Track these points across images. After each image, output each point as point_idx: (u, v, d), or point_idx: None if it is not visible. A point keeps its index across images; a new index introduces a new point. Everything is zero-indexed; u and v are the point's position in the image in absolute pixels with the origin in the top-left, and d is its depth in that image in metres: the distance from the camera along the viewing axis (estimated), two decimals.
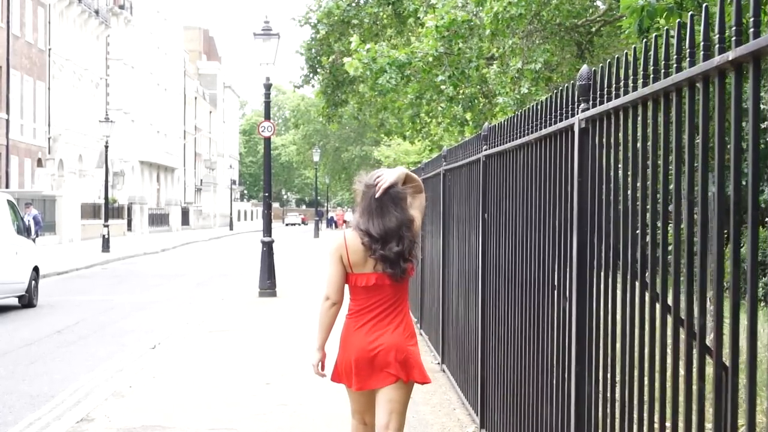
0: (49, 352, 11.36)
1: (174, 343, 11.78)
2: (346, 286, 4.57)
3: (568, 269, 4.05)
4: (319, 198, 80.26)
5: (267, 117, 18.54)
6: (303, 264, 28.56)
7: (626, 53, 3.28)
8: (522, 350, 5.08)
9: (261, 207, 52.26)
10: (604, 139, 3.60)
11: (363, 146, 72.80)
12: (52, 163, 47.54)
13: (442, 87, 19.10)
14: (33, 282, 16.30)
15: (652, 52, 3.03)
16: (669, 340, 3.03)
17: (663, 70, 2.91)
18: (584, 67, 3.82)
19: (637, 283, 3.35)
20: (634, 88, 3.19)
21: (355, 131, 69.74)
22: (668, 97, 2.93)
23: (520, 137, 5.12)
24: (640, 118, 3.17)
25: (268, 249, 17.80)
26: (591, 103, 3.76)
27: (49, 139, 47.25)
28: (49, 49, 47.35)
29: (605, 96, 3.57)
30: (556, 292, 4.32)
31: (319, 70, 26.69)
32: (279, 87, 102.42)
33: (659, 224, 3.06)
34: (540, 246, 4.69)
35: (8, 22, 42.09)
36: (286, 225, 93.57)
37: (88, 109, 52.88)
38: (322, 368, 4.67)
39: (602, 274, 3.64)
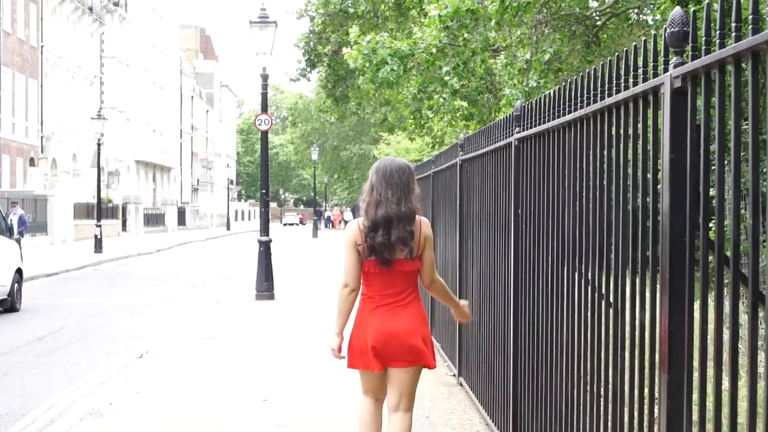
0: (27, 362, 10.42)
1: (163, 351, 10.86)
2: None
3: (651, 274, 3.12)
4: (317, 197, 79.31)
5: (264, 110, 17.57)
6: (302, 265, 27.64)
7: None
8: (576, 372, 4.15)
9: (258, 206, 51.21)
10: (714, 101, 2.67)
11: (362, 144, 71.82)
12: (44, 163, 46.58)
13: (446, 79, 18.24)
14: (16, 285, 15.35)
15: None
16: None
17: None
18: (676, 9, 2.89)
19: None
20: None
21: (353, 129, 68.80)
22: None
23: (570, 112, 4.19)
24: None
25: (265, 249, 16.85)
26: (691, 53, 2.82)
27: (41, 137, 46.30)
28: (42, 47, 46.40)
29: (715, 43, 2.64)
30: (629, 301, 3.40)
31: (317, 63, 25.82)
32: (277, 86, 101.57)
33: None
34: (600, 245, 3.76)
35: None
36: (284, 225, 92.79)
37: (82, 108, 51.88)
38: (340, 351, 4.81)
39: (709, 282, 2.72)
